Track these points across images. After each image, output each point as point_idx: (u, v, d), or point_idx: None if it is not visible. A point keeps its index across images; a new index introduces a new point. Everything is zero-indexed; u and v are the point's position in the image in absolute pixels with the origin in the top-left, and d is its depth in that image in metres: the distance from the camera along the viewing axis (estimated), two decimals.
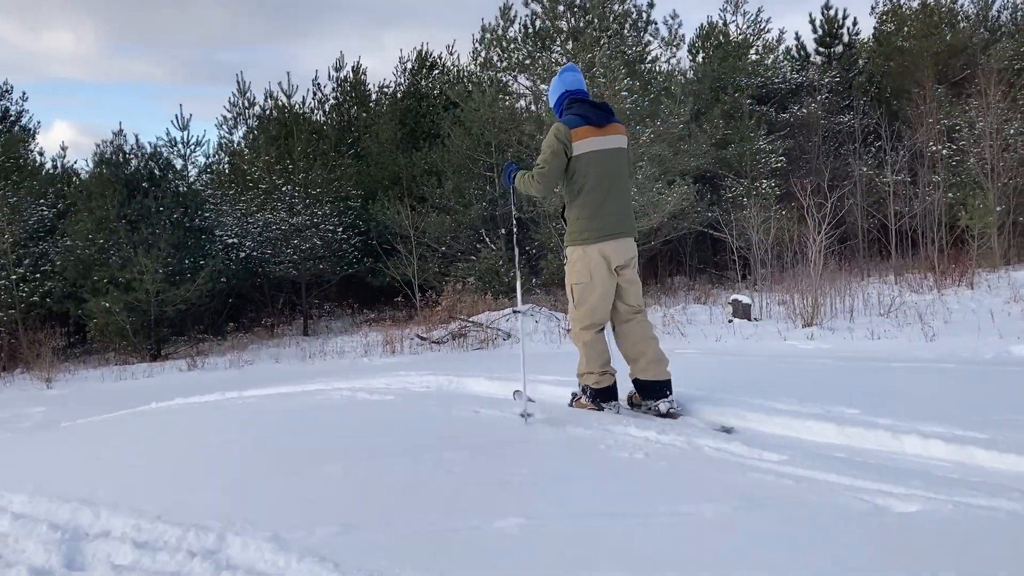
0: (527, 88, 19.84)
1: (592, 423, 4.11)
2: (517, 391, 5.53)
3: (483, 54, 19.20)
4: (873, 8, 28.15)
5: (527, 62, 18.98)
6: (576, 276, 4.72)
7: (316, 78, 29.91)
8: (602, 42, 18.10)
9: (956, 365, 7.20)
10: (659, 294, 19.82)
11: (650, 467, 3.27)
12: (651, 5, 19.20)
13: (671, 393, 4.71)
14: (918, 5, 27.13)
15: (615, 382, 4.81)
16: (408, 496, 3.09)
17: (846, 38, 27.98)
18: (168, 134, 20.60)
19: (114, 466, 3.96)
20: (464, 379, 5.94)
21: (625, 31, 18.99)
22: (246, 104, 21.40)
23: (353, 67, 28.80)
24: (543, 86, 19.62)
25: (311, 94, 27.45)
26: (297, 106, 21.68)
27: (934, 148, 22.00)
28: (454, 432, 4.14)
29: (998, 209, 18.72)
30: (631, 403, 5.01)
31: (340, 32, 71.46)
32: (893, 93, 26.20)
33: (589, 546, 2.52)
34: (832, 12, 27.87)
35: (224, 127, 22.69)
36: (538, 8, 19.07)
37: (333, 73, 28.55)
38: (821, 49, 27.97)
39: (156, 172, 19.40)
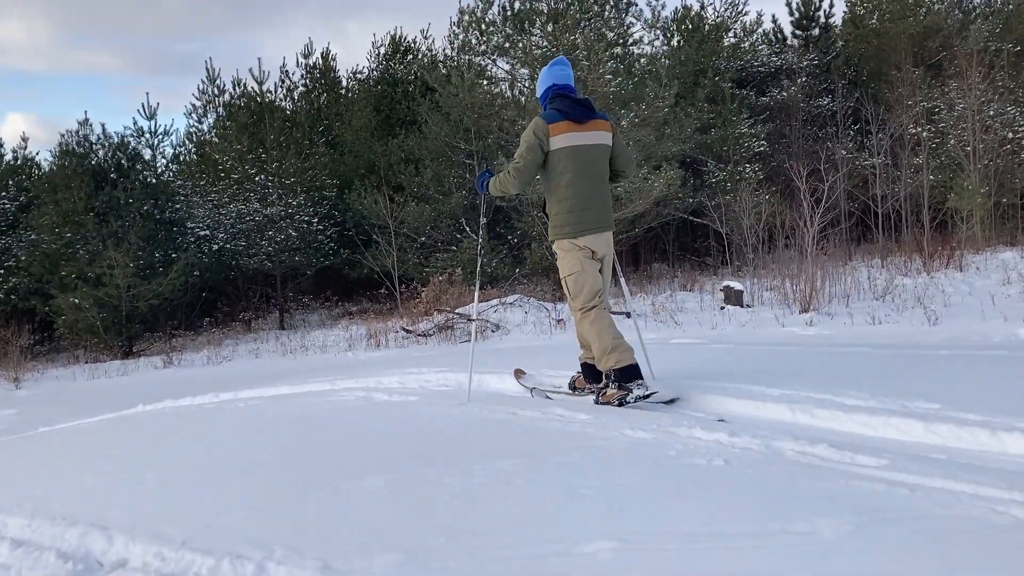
0: (506, 72, 19.41)
1: (650, 424, 3.74)
2: (534, 388, 5.36)
3: (461, 37, 18.72)
4: None
5: (506, 45, 18.54)
6: (568, 267, 4.83)
7: (284, 65, 29.21)
8: (582, 24, 17.71)
9: (977, 351, 7.00)
10: (643, 282, 19.54)
11: (736, 476, 2.92)
12: None
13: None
14: None
15: (635, 361, 4.68)
16: (470, 514, 2.71)
17: (823, 20, 27.87)
18: (135, 123, 19.88)
19: (121, 481, 3.53)
20: (484, 376, 5.55)
21: (607, 13, 18.61)
22: (216, 92, 20.73)
23: (322, 53, 28.24)
24: (522, 70, 19.22)
25: (280, 82, 26.70)
26: (268, 93, 21.04)
27: (914, 130, 21.94)
28: (499, 437, 3.73)
29: (981, 191, 18.66)
30: (572, 387, 5.26)
31: (301, 22, 70.21)
32: (870, 76, 26.12)
33: (702, 574, 2.17)
34: None
35: (193, 116, 22.01)
36: None
37: (302, 60, 27.98)
38: (798, 32, 27.82)
39: (124, 163, 18.71)
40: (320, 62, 27.97)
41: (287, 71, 27.44)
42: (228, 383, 8.10)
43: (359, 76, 25.42)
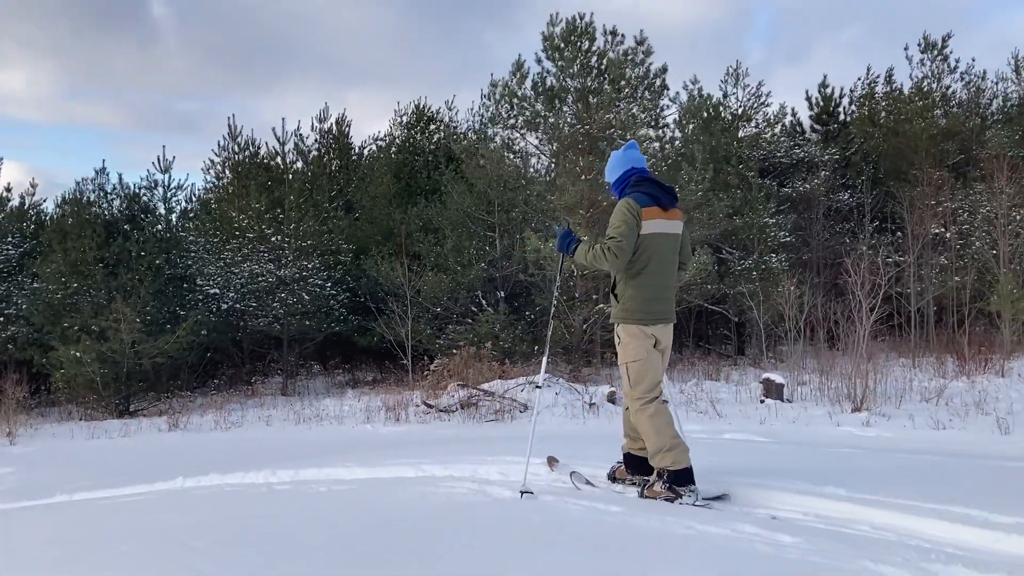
0: (535, 147, 19.14)
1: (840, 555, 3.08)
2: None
3: (492, 108, 18.48)
4: (854, 91, 28.23)
5: (537, 120, 18.30)
6: (632, 354, 4.68)
7: (299, 128, 28.94)
8: (618, 104, 17.53)
9: None
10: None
11: None
12: (664, 69, 18.75)
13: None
14: (911, 89, 27.23)
15: (691, 464, 4.49)
16: None
17: (841, 116, 28.01)
18: (149, 175, 19.42)
19: None
20: (577, 465, 4.91)
21: (639, 94, 18.45)
22: (236, 149, 20.37)
23: (337, 119, 28.16)
24: (550, 147, 18.95)
25: (294, 145, 26.51)
26: (290, 154, 20.71)
27: (938, 231, 21.76)
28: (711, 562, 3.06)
29: (1009, 294, 18.29)
30: (612, 477, 5.05)
31: (301, 89, 70.70)
32: (887, 173, 26.11)
33: None
34: (828, 90, 27.97)
35: (211, 172, 21.60)
36: (550, 66, 18.48)
37: (316, 124, 27.90)
38: (817, 127, 27.94)
39: (138, 214, 18.18)
40: (335, 127, 27.92)
41: (301, 134, 27.36)
42: (280, 458, 7.38)
43: (379, 143, 25.21)
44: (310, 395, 18.92)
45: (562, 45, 18.25)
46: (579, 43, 18.26)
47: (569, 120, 17.93)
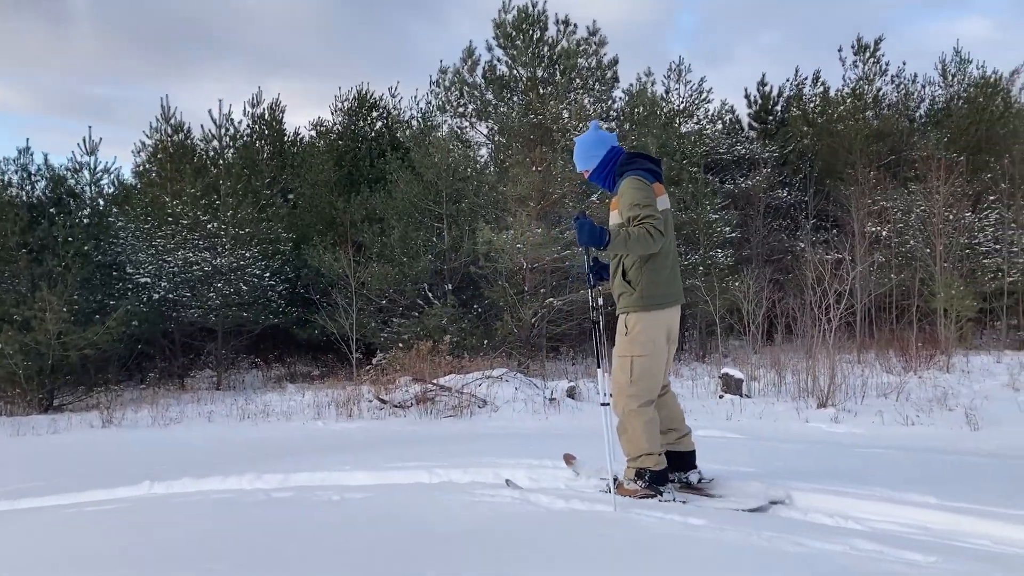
0: (485, 136, 18.73)
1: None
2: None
3: (442, 95, 18.00)
4: (783, 92, 28.64)
5: (488, 109, 17.90)
6: (640, 347, 4.29)
7: (230, 113, 27.60)
8: (570, 95, 17.26)
9: None
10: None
11: None
12: (615, 61, 18.56)
13: (696, 464, 4.51)
14: (846, 90, 27.75)
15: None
16: None
17: (779, 116, 28.38)
18: (74, 158, 18.24)
19: None
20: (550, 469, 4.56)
21: (590, 84, 18.22)
22: (169, 131, 19.32)
23: (271, 104, 27.19)
24: (501, 137, 18.58)
25: (224, 130, 25.42)
26: (225, 139, 19.77)
27: (875, 229, 22.17)
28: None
29: (945, 294, 18.73)
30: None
31: (225, 76, 68.32)
32: (824, 172, 26.56)
33: None
34: (767, 88, 28.32)
35: (141, 155, 20.47)
36: (501, 54, 18.11)
37: (249, 109, 26.87)
38: (755, 124, 28.25)
39: (64, 198, 17.08)
40: (268, 113, 26.94)
41: (232, 119, 26.29)
42: (237, 458, 6.83)
43: (320, 128, 24.38)
44: (246, 390, 18.15)
45: (513, 33, 17.89)
46: (531, 32, 17.92)
47: (520, 110, 17.59)
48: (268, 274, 19.14)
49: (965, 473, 5.03)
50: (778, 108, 28.34)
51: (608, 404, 4.28)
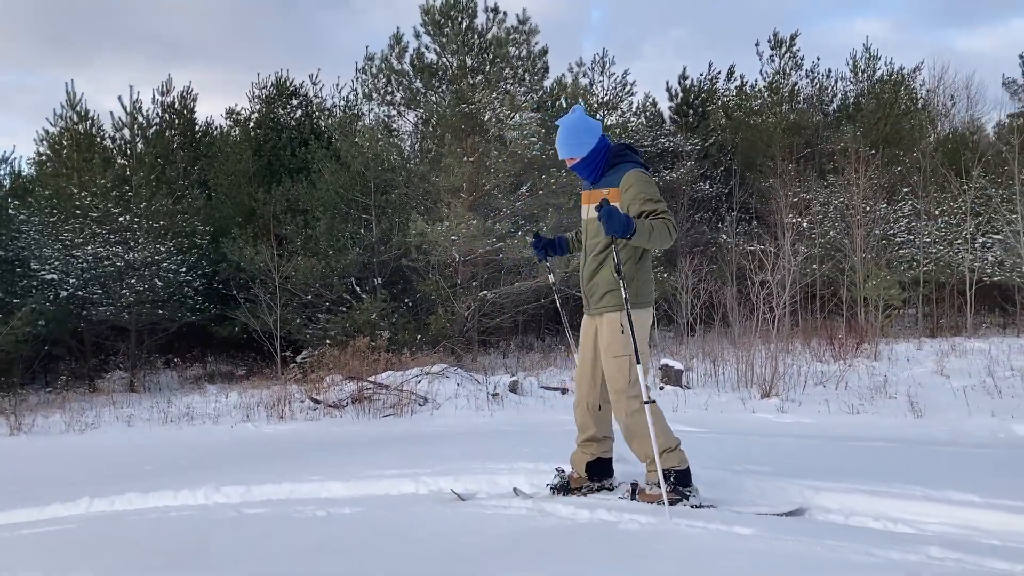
0: (414, 126, 18.26)
1: None
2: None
3: (369, 83, 17.43)
4: (698, 86, 29.01)
5: (418, 98, 17.43)
6: (642, 344, 4.10)
7: (137, 101, 26.14)
8: (505, 85, 16.95)
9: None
10: (550, 356, 18.64)
11: None
12: (545, 51, 18.32)
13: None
14: (763, 84, 28.29)
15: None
16: None
17: (700, 109, 28.69)
18: None
19: None
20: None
21: (519, 73, 17.92)
22: (76, 119, 18.18)
23: (182, 92, 26.01)
24: (432, 127, 18.13)
25: (132, 119, 24.17)
26: (136, 128, 18.74)
27: (795, 220, 22.58)
28: None
29: (872, 283, 19.19)
30: (564, 488, 4.25)
31: (124, 63, 65.07)
32: (743, 165, 26.99)
33: None
34: (688, 82, 28.58)
35: (44, 144, 19.17)
36: (429, 41, 17.65)
37: (159, 97, 25.64)
38: (676, 118, 28.49)
39: None
40: (178, 101, 25.76)
41: (140, 107, 25.01)
42: (176, 467, 6.29)
43: (236, 117, 23.40)
44: (162, 391, 17.26)
45: (441, 20, 17.45)
46: (460, 19, 17.52)
47: (450, 100, 17.17)
48: (184, 269, 18.23)
49: (968, 465, 4.91)
50: (698, 102, 28.63)
51: (655, 401, 4.01)
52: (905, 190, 22.94)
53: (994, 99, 51.72)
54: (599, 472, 4.27)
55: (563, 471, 4.25)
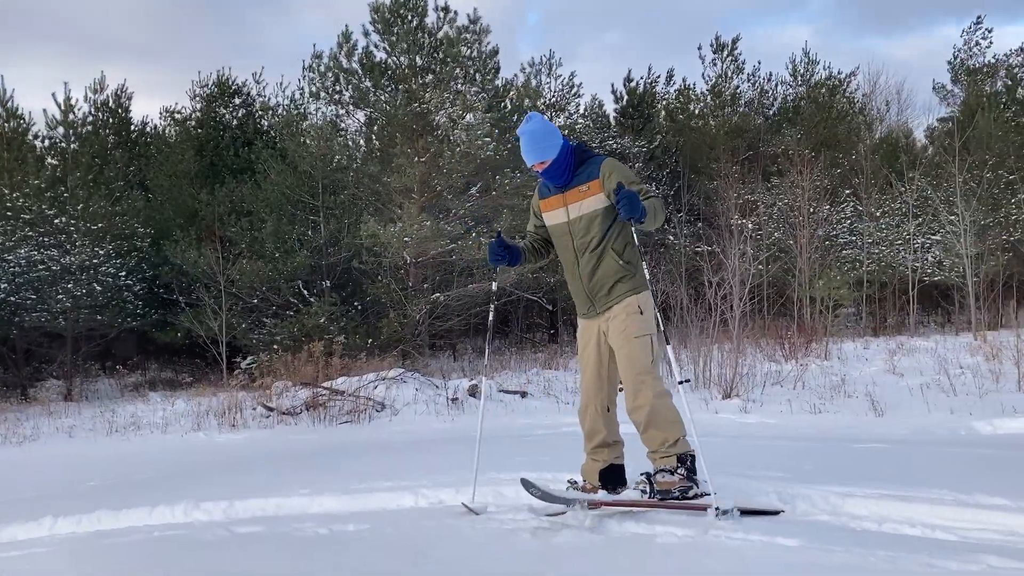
0: (363, 126, 17.92)
1: None
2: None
3: (317, 81, 17.04)
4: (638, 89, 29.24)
5: (368, 97, 17.11)
6: (654, 325, 4.09)
7: (69, 97, 24.97)
8: (457, 85, 16.74)
9: (987, 449, 6.52)
10: (502, 358, 18.45)
11: None
12: (495, 51, 18.18)
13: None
14: (706, 87, 28.62)
15: None
16: None
17: (645, 112, 28.84)
18: None
19: None
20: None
21: (469, 73, 17.73)
22: (4, 115, 17.35)
23: (116, 90, 25.16)
24: (382, 128, 17.82)
25: (65, 116, 23.23)
26: (79, 125, 18.01)
27: (741, 222, 22.84)
28: None
29: (820, 283, 19.49)
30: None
31: (42, 61, 62.56)
32: (688, 167, 27.22)
33: None
34: (633, 85, 28.71)
35: None
36: (379, 40, 17.36)
37: (91, 95, 24.73)
38: (623, 120, 28.58)
39: None
40: (112, 99, 24.90)
41: (72, 104, 24.07)
42: (139, 483, 5.94)
43: (176, 116, 22.70)
44: (101, 400, 16.61)
45: (391, 18, 17.17)
46: (409, 18, 17.26)
47: (401, 99, 16.89)
48: (124, 273, 17.57)
49: (970, 466, 4.88)
50: (643, 105, 28.78)
51: (688, 380, 3.92)
52: (847, 192, 23.39)
53: (922, 104, 53.34)
54: (612, 480, 4.13)
55: (575, 482, 4.10)
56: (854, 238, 22.53)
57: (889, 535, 3.02)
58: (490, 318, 4.80)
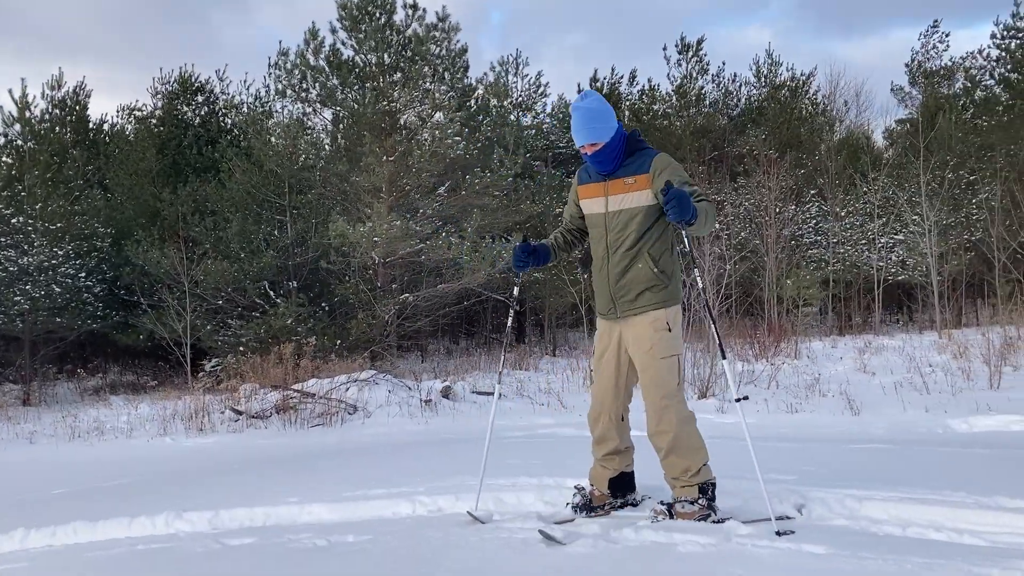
0: (331, 124, 17.65)
1: None
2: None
3: (283, 79, 16.73)
4: (606, 91, 29.32)
5: (335, 95, 16.86)
6: (681, 342, 3.95)
7: (26, 95, 24.24)
8: (425, 83, 16.55)
9: (985, 448, 6.54)
10: (471, 359, 18.32)
11: None
12: (465, 49, 18.01)
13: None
14: (671, 88, 28.72)
15: None
16: None
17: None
18: None
19: None
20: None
21: (439, 73, 17.56)
22: None
23: (75, 87, 24.56)
24: (350, 126, 17.57)
25: (21, 113, 22.60)
26: (36, 123, 17.53)
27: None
28: None
29: (789, 282, 19.62)
30: (587, 507, 3.93)
31: (8, 59, 61.10)
32: None
33: None
34: (598, 85, 28.70)
35: None
36: (346, 37, 17.11)
37: (48, 92, 24.11)
38: None
39: None
40: (71, 97, 24.30)
41: (28, 101, 23.43)
42: (109, 490, 5.72)
43: (137, 114, 22.20)
44: (61, 404, 16.16)
45: (358, 15, 16.93)
46: (377, 15, 17.04)
47: (369, 98, 16.66)
48: (84, 274, 17.15)
49: (972, 466, 4.85)
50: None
51: (747, 398, 3.78)
52: (812, 192, 23.61)
53: (880, 106, 54.19)
54: (622, 487, 4.03)
55: (583, 488, 3.98)
56: (819, 238, 22.74)
57: (916, 540, 2.94)
58: (508, 323, 4.72)
